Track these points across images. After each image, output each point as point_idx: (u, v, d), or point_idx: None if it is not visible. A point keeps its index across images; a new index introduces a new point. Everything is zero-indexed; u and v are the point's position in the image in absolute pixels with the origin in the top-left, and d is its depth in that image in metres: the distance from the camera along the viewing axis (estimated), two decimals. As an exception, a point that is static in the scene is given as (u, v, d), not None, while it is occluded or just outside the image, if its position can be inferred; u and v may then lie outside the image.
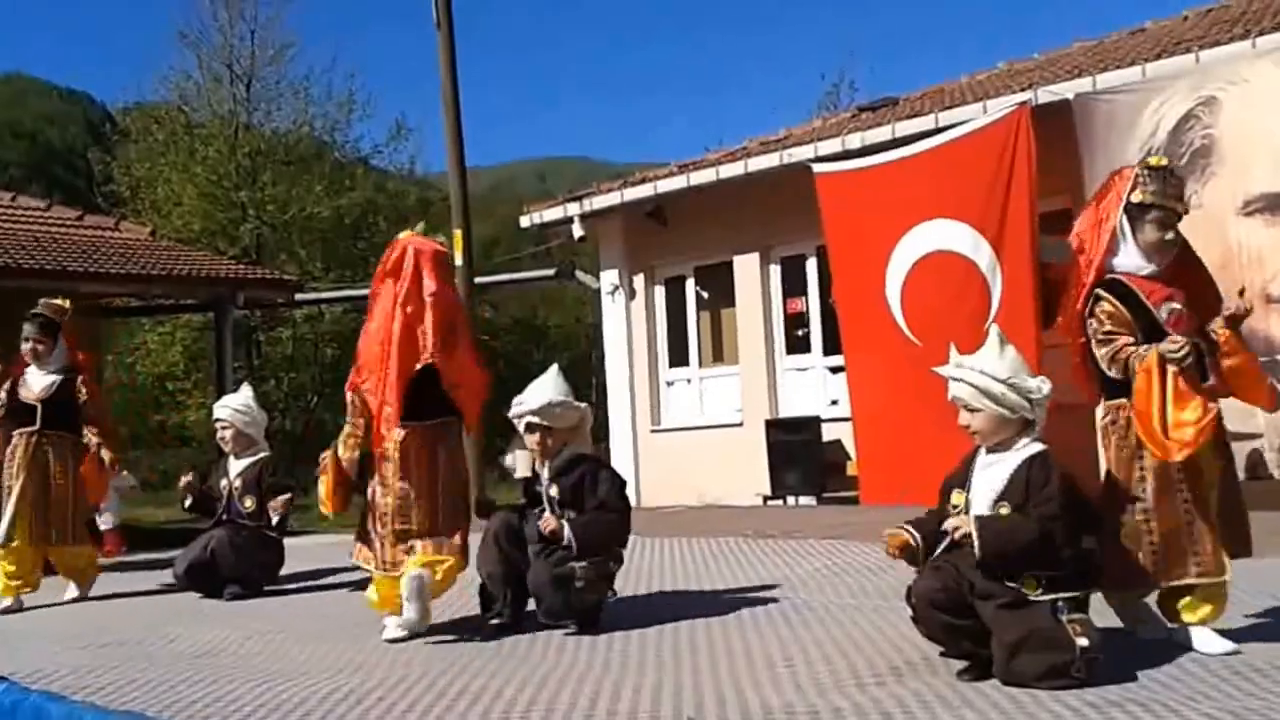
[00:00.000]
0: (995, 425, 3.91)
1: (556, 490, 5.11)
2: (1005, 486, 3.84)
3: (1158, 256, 4.15)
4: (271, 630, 5.65)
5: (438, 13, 13.98)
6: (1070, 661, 3.58)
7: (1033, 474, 3.82)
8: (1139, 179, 4.16)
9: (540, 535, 5.03)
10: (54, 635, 6.00)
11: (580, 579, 4.93)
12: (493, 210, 33.85)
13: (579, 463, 5.17)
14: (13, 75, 68.65)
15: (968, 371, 3.95)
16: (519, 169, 75.28)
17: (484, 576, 5.20)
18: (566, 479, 5.11)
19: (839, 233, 9.94)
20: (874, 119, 12.30)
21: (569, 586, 4.93)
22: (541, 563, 4.99)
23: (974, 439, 3.98)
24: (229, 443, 7.32)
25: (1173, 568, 4.01)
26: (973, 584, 3.74)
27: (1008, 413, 3.88)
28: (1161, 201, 4.11)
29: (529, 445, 5.23)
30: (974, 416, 3.93)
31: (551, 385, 5.19)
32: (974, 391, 3.90)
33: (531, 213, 15.06)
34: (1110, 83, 9.57)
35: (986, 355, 3.97)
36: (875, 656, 4.22)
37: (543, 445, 5.16)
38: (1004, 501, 3.81)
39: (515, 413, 5.18)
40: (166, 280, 13.68)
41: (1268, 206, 8.56)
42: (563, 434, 5.18)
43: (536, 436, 5.15)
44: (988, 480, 3.91)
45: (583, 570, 4.93)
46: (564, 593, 4.94)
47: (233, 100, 28.37)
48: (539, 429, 5.13)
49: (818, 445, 12.00)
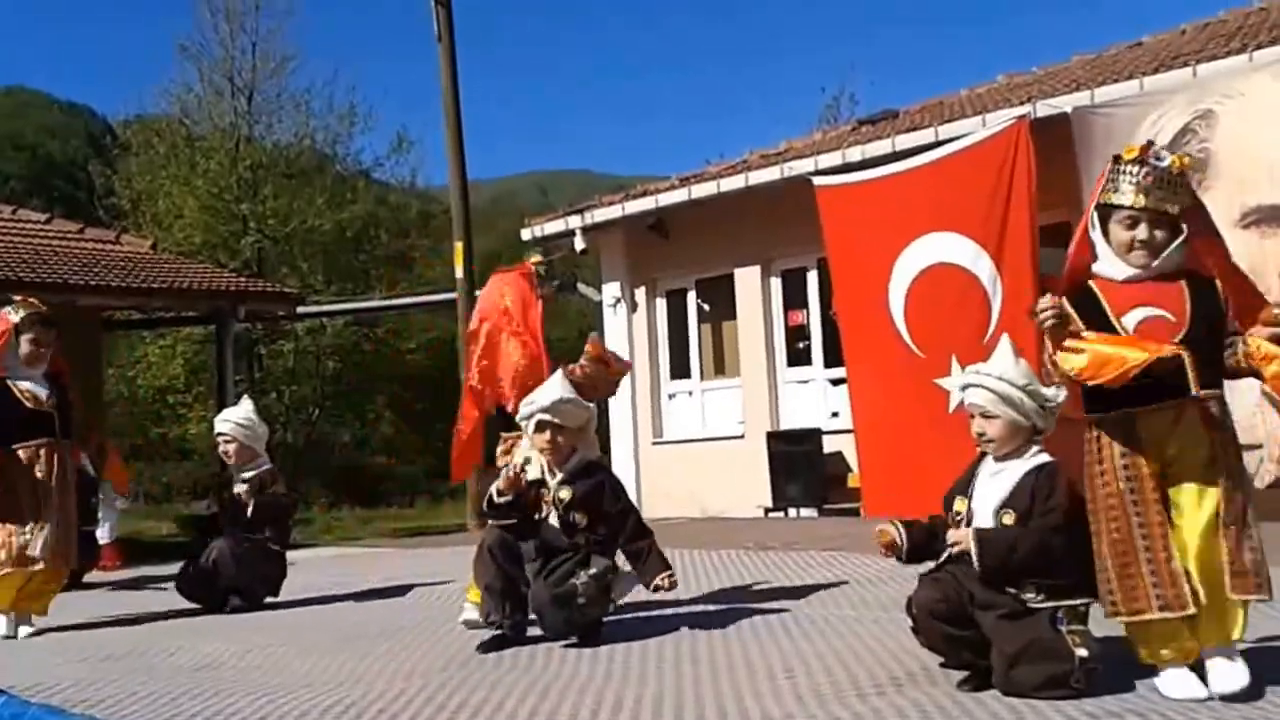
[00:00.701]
0: (1010, 432, 3.88)
1: (568, 493, 5.06)
2: (1010, 494, 3.83)
3: (1136, 258, 3.68)
4: (273, 643, 5.64)
5: (439, 26, 14.05)
6: (1069, 672, 3.58)
7: (1039, 483, 3.81)
8: (1108, 177, 3.73)
9: (537, 551, 5.01)
10: (53, 648, 6.00)
11: (582, 595, 4.90)
12: (494, 223, 33.88)
13: (593, 470, 5.19)
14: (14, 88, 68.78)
15: (985, 377, 3.92)
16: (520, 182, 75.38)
17: (481, 589, 5.17)
18: (582, 484, 5.08)
19: (839, 245, 9.95)
20: (874, 132, 12.35)
21: (571, 605, 4.89)
22: (541, 583, 4.94)
23: (987, 447, 3.94)
24: (231, 456, 7.31)
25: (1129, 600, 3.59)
26: (973, 594, 3.75)
27: (1023, 420, 3.87)
28: (1123, 200, 3.66)
29: (538, 445, 5.16)
30: (990, 423, 3.90)
31: (559, 385, 5.19)
32: (993, 397, 3.87)
33: (533, 225, 15.10)
34: (1108, 96, 9.60)
35: (1002, 362, 3.95)
36: (875, 667, 4.23)
37: (554, 444, 5.10)
38: (1008, 509, 3.80)
39: (526, 412, 5.14)
40: (167, 293, 13.72)
41: (1264, 219, 8.57)
42: (572, 434, 5.16)
43: (547, 435, 5.09)
44: (992, 488, 3.90)
45: (584, 587, 4.90)
46: (566, 611, 4.90)
47: (234, 113, 28.46)
48: (549, 426, 5.08)
49: (819, 457, 12.02)
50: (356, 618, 6.36)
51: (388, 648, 5.30)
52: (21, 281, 11.98)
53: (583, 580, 4.91)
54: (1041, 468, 3.86)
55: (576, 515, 5.04)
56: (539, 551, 5.03)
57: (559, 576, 4.93)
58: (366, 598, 7.29)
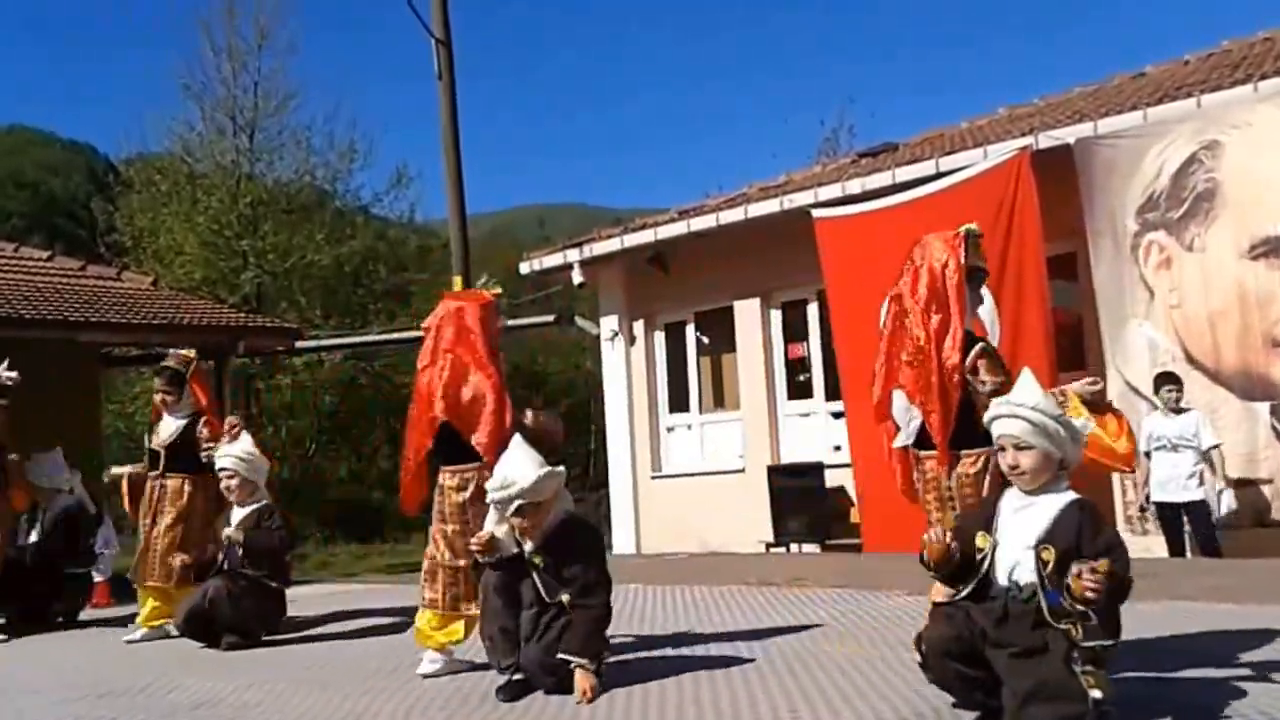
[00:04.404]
0: (1044, 464, 3.78)
1: (541, 559, 4.85)
2: (1049, 530, 3.70)
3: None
4: (270, 680, 5.57)
5: (439, 64, 14.07)
6: (1082, 713, 3.46)
7: (1084, 520, 3.70)
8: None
9: (534, 599, 4.84)
10: (54, 686, 5.93)
11: (574, 668, 4.73)
12: (492, 256, 33.92)
13: (566, 528, 4.91)
14: (16, 126, 69.08)
15: (1020, 407, 3.80)
16: (519, 215, 75.43)
17: (485, 638, 4.99)
18: (555, 543, 4.84)
19: (838, 277, 9.94)
20: (874, 164, 12.33)
21: (559, 672, 4.74)
22: (534, 646, 4.78)
23: (1019, 481, 3.83)
24: (234, 491, 7.21)
25: None
26: (985, 632, 3.67)
27: (1056, 451, 3.78)
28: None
29: (519, 529, 4.87)
30: (1023, 455, 3.78)
31: (529, 459, 4.88)
32: (1029, 428, 3.77)
33: (532, 259, 15.08)
34: (1111, 127, 9.58)
35: (1033, 392, 3.85)
36: (883, 708, 4.14)
37: (535, 522, 4.83)
38: (1047, 545, 3.65)
39: (502, 497, 4.81)
40: (168, 329, 13.68)
41: (1272, 250, 8.55)
42: (549, 504, 4.91)
43: (526, 520, 4.82)
44: (1023, 522, 3.77)
45: (576, 663, 4.72)
46: (555, 677, 4.75)
47: (235, 151, 28.50)
48: (529, 508, 4.81)
49: (821, 491, 11.92)
50: (353, 654, 6.28)
51: (384, 685, 5.23)
52: (23, 318, 11.94)
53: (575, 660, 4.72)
54: (1082, 504, 3.76)
55: (550, 580, 4.81)
56: (533, 597, 4.86)
57: (549, 641, 4.75)
58: (363, 634, 7.20)
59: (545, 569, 4.84)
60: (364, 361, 28.31)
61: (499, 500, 4.82)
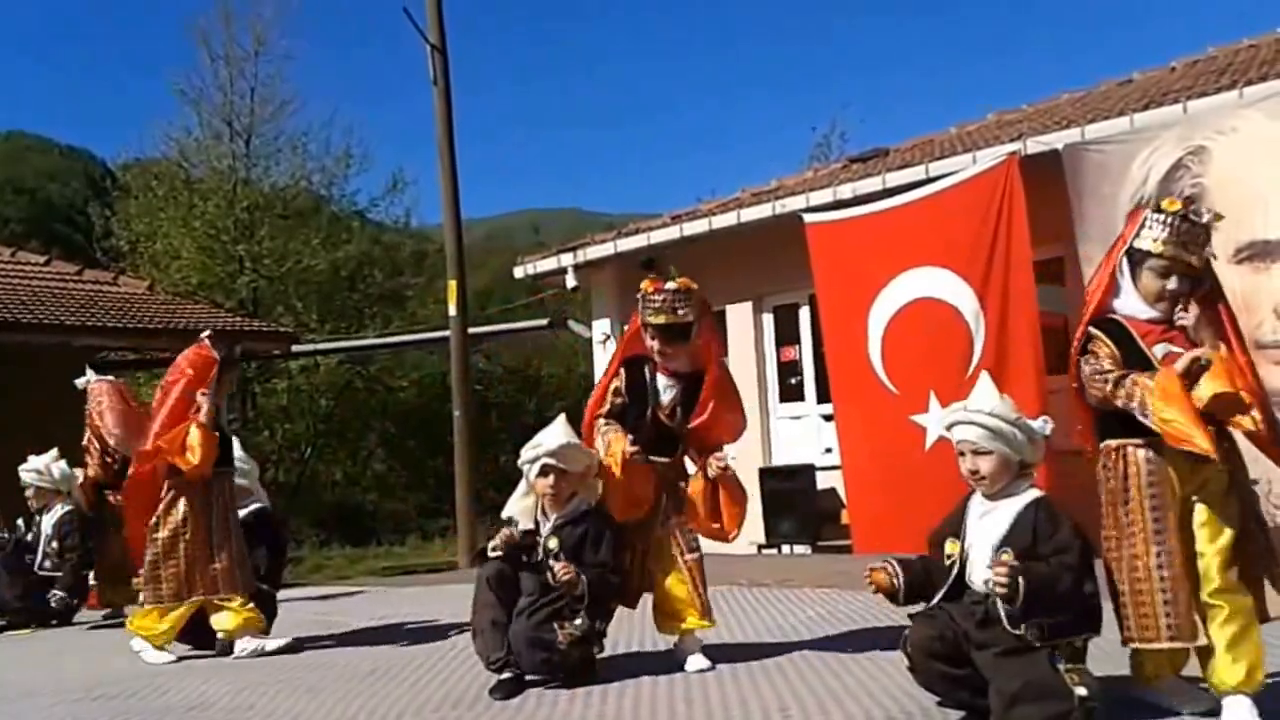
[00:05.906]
0: (1003, 468, 3.83)
1: (557, 542, 4.98)
2: (1008, 533, 3.77)
3: (1160, 305, 3.89)
4: (264, 683, 5.60)
5: (434, 70, 14.13)
6: (1068, 711, 3.53)
7: (1039, 519, 3.75)
8: (1144, 223, 3.90)
9: (536, 587, 4.94)
10: (48, 689, 5.96)
11: (562, 643, 4.83)
12: (486, 261, 33.98)
13: (585, 518, 5.08)
14: (14, 133, 68.92)
15: (976, 413, 3.85)
16: (514, 219, 75.37)
17: (478, 628, 5.03)
18: (571, 531, 5.01)
19: (828, 282, 9.98)
20: (865, 169, 12.39)
21: (549, 648, 4.83)
22: (522, 621, 4.87)
23: (979, 485, 3.88)
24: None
25: (1141, 629, 3.76)
26: (968, 633, 3.72)
27: (1014, 454, 3.83)
28: (1160, 250, 3.83)
29: (540, 490, 5.09)
30: (982, 459, 3.83)
31: (562, 429, 5.16)
32: (984, 433, 3.82)
33: (526, 263, 15.11)
34: (1099, 133, 9.63)
35: (988, 397, 3.90)
36: (872, 707, 4.20)
37: (556, 489, 5.05)
38: (1006, 548, 3.71)
39: (531, 455, 5.07)
40: (164, 334, 13.73)
41: (1258, 254, 8.60)
42: (574, 479, 5.11)
43: (550, 480, 5.04)
44: (987, 527, 3.84)
45: (565, 635, 4.83)
46: (543, 653, 4.83)
47: (232, 156, 28.53)
48: (554, 471, 5.04)
49: (812, 493, 11.98)
50: (347, 658, 6.32)
51: (378, 688, 5.27)
52: (20, 322, 11.99)
53: (562, 632, 4.84)
54: (1038, 503, 3.81)
55: (557, 567, 4.90)
56: (535, 585, 4.95)
57: (540, 619, 4.86)
58: (357, 637, 7.24)
59: (555, 556, 4.94)
60: (359, 365, 28.35)
61: (526, 459, 5.10)
